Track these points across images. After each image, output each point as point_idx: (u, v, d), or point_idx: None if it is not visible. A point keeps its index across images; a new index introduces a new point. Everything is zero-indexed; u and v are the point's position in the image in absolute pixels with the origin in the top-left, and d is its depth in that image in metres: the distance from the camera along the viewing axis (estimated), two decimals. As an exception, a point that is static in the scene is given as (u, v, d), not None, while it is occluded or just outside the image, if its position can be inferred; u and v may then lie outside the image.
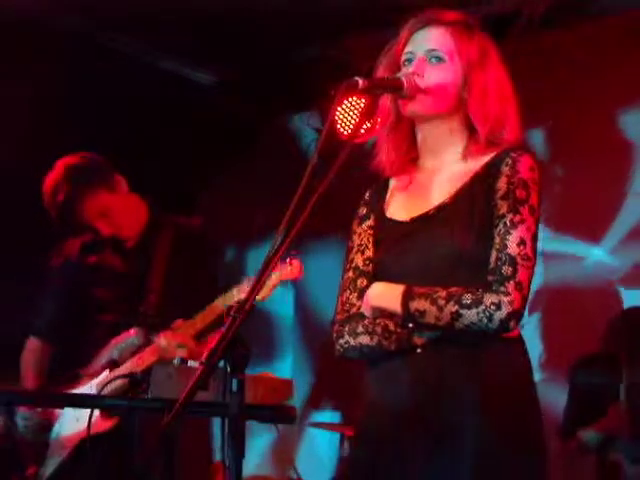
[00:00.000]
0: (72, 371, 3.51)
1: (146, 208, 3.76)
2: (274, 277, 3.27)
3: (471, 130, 2.43)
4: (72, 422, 3.39)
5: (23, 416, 3.41)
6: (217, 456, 5.09)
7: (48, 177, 3.69)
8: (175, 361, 3.16)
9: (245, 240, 6.34)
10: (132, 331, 3.47)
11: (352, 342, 2.35)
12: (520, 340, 2.36)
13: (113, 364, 3.40)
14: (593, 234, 5.17)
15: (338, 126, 5.38)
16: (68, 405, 3.16)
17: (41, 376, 3.76)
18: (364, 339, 2.33)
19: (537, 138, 5.22)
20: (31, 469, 3.39)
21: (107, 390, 2.99)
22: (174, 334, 3.34)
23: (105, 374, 3.40)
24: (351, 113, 5.43)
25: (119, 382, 2.97)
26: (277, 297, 3.24)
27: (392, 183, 2.53)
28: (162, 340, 3.34)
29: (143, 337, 3.44)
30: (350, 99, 5.42)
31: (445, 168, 2.44)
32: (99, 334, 3.56)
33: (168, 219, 3.76)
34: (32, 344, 3.81)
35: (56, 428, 3.47)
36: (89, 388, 3.41)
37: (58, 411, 3.44)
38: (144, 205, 3.77)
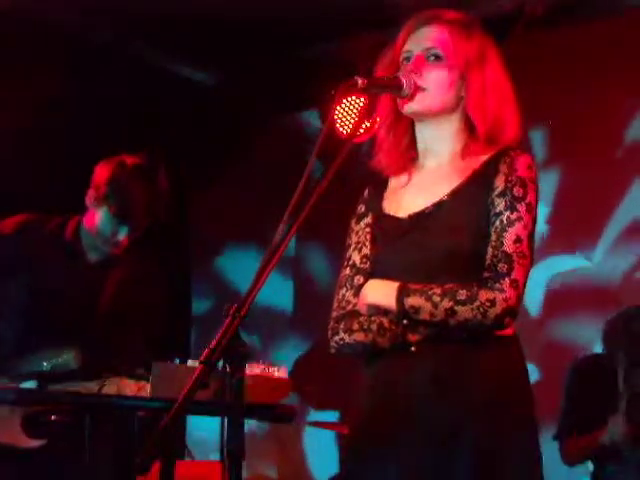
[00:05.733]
0: None
1: None
2: None
3: (470, 129, 2.42)
4: None
5: None
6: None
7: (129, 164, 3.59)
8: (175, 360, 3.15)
9: (244, 240, 6.33)
10: (71, 352, 3.35)
11: (347, 339, 2.34)
12: (515, 339, 2.36)
13: (43, 378, 3.25)
14: (592, 233, 5.17)
15: (337, 125, 5.38)
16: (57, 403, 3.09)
17: None
18: (359, 336, 2.32)
19: (537, 138, 5.22)
20: None
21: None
22: None
23: (32, 384, 3.15)
24: (350, 112, 5.43)
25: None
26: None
27: (391, 182, 2.52)
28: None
29: (80, 361, 3.32)
30: (349, 98, 5.42)
31: (444, 166, 2.44)
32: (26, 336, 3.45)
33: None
34: None
35: None
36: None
37: None
38: None
